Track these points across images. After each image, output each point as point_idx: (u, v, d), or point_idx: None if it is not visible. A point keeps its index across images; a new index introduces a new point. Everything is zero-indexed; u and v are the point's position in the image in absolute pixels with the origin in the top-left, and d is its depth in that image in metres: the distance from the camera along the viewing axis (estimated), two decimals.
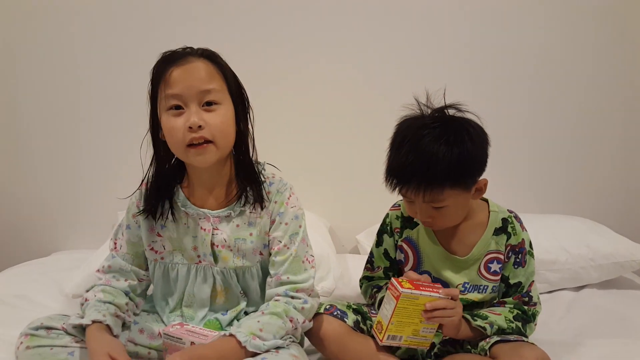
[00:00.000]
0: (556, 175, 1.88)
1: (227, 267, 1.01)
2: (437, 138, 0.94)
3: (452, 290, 0.98)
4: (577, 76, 1.81)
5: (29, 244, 1.83)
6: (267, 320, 0.92)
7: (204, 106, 0.92)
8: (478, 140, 0.97)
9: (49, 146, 1.78)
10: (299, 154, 1.80)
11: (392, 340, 0.96)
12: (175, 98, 0.91)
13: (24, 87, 1.74)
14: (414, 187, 0.96)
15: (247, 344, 0.87)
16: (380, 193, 1.24)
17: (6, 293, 1.35)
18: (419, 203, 0.99)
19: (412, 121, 1.00)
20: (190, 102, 0.91)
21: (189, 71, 0.90)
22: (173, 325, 0.96)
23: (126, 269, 1.03)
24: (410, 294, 0.93)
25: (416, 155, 0.95)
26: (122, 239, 1.05)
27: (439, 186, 0.95)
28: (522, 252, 1.07)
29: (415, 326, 0.95)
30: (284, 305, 0.95)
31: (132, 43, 1.70)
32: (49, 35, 1.70)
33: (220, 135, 0.92)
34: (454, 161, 0.93)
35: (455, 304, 0.96)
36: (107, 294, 0.98)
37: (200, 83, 0.90)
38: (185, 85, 0.90)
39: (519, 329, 1.02)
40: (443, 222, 1.02)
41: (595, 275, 1.49)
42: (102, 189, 1.79)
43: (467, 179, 0.97)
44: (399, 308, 0.93)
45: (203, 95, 0.91)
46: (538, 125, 1.84)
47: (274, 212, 1.02)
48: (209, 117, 0.91)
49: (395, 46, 1.78)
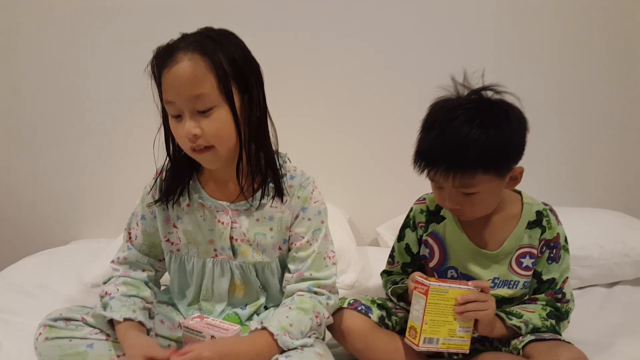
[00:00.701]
0: (592, 167, 1.82)
1: (246, 261, 0.98)
2: (472, 119, 0.88)
3: (481, 282, 0.94)
4: (619, 65, 1.74)
5: (48, 232, 1.84)
6: (296, 316, 0.89)
7: (199, 112, 0.85)
8: (516, 124, 0.91)
9: (68, 135, 1.78)
10: (319, 145, 1.78)
11: (429, 344, 0.89)
12: (171, 105, 0.87)
13: (34, 80, 1.73)
14: (443, 170, 0.90)
15: (278, 337, 0.84)
16: (401, 185, 1.20)
17: (26, 282, 1.36)
18: (448, 188, 0.94)
19: (445, 102, 0.95)
20: (184, 109, 0.85)
21: (176, 76, 0.83)
22: (193, 318, 0.94)
23: (142, 261, 1.01)
24: (439, 286, 0.89)
25: (448, 136, 0.89)
26: (137, 229, 1.02)
27: (470, 170, 0.89)
28: (556, 247, 1.02)
29: (450, 325, 0.90)
30: (311, 301, 0.93)
31: (143, 29, 1.68)
32: (55, 23, 1.69)
33: (219, 141, 0.87)
34: (489, 144, 0.87)
35: (487, 296, 0.91)
36: (130, 286, 0.96)
37: (189, 88, 0.83)
38: (175, 93, 0.84)
39: (553, 326, 0.98)
40: (473, 210, 0.96)
41: (630, 272, 1.43)
42: (120, 177, 1.79)
43: (501, 164, 0.92)
44: (429, 304, 0.89)
45: (194, 101, 0.84)
46: (575, 115, 1.78)
47: (296, 207, 0.98)
48: (204, 124, 0.85)
49: (421, 31, 1.72)
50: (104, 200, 1.83)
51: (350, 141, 1.80)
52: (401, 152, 1.75)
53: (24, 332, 0.99)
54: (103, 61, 1.72)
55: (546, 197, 1.12)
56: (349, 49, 1.72)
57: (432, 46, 1.72)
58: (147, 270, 1.02)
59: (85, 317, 0.91)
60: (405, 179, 1.43)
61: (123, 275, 0.99)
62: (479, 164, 0.88)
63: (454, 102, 0.94)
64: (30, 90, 1.74)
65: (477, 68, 0.95)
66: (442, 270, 1.07)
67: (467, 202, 0.94)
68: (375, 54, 1.73)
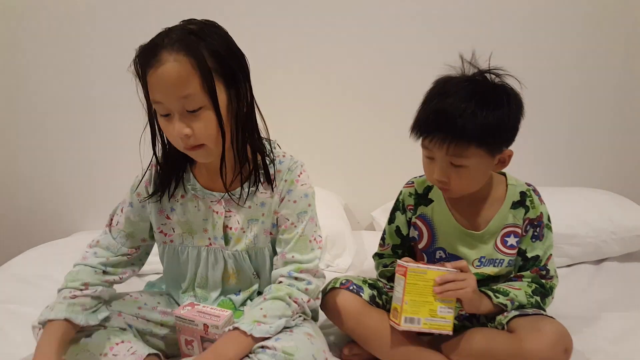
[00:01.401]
0: (588, 148, 1.85)
1: (239, 249, 1.00)
2: (473, 94, 0.92)
3: (458, 262, 0.97)
4: (618, 49, 1.75)
5: (50, 224, 1.87)
6: (270, 305, 0.91)
7: (188, 112, 0.85)
8: (515, 108, 0.95)
9: (68, 129, 1.80)
10: (314, 131, 1.79)
11: (410, 323, 0.92)
12: (160, 105, 0.86)
13: (40, 72, 1.75)
14: (440, 137, 0.93)
15: (252, 331, 0.85)
16: (396, 170, 1.23)
17: (29, 273, 1.39)
18: (440, 158, 0.96)
19: (450, 77, 0.97)
20: (173, 109, 0.85)
21: (162, 77, 0.82)
22: (184, 307, 0.95)
23: (113, 250, 1.00)
24: (417, 267, 0.93)
25: (448, 106, 0.92)
26: (121, 215, 1.02)
27: (465, 141, 0.92)
28: (540, 226, 1.05)
29: (430, 306, 0.93)
30: (287, 288, 0.93)
31: (145, 22, 1.67)
32: (59, 14, 1.70)
33: (208, 139, 0.88)
34: (486, 121, 0.90)
35: (465, 275, 0.95)
36: (70, 277, 0.95)
37: (177, 89, 0.83)
38: (163, 93, 0.84)
39: (538, 303, 1.01)
40: (459, 184, 0.98)
41: (617, 249, 1.46)
42: (120, 170, 1.80)
43: (495, 142, 0.94)
44: (408, 284, 0.92)
45: (182, 102, 0.84)
46: (575, 98, 1.80)
47: (283, 190, 0.99)
48: (194, 125, 0.86)
49: (418, 14, 1.72)
50: (105, 193, 1.83)
51: (345, 127, 1.82)
52: (397, 137, 1.77)
53: (27, 321, 1.02)
54: (110, 54, 1.72)
55: (540, 177, 1.14)
56: (344, 32, 1.73)
57: (430, 30, 1.73)
58: (112, 257, 0.99)
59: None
60: (400, 164, 1.46)
61: (80, 262, 0.99)
62: (474, 136, 0.91)
63: (458, 78, 0.97)
64: (35, 83, 1.75)
65: (478, 51, 0.98)
66: (430, 251, 1.10)
67: (455, 175, 0.96)
68: (371, 38, 1.74)
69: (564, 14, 1.73)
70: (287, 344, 0.84)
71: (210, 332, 0.91)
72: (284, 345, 0.84)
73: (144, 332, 0.98)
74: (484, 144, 0.93)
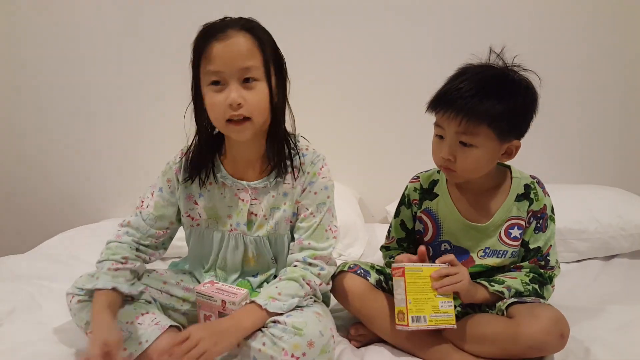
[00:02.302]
0: (603, 146, 1.85)
1: (261, 234, 1.06)
2: (494, 77, 0.97)
3: (446, 256, 1.01)
4: (629, 46, 1.76)
5: (82, 211, 1.97)
6: (284, 284, 0.97)
7: (243, 82, 0.94)
8: (529, 101, 0.99)
9: (99, 121, 1.89)
10: (331, 125, 1.83)
11: (417, 322, 0.95)
12: (216, 74, 0.93)
13: (71, 60, 1.84)
14: (454, 111, 0.96)
15: (267, 306, 0.92)
16: (411, 165, 1.27)
17: (62, 253, 1.51)
18: (451, 135, 0.99)
19: (473, 64, 1.02)
20: (230, 78, 0.93)
21: (229, 47, 0.91)
22: (205, 284, 1.03)
23: (143, 231, 1.06)
24: (413, 266, 0.97)
25: (467, 84, 0.97)
26: (151, 199, 1.08)
27: (478, 120, 0.95)
28: (543, 218, 1.08)
29: (432, 302, 0.96)
30: (301, 271, 1.00)
31: (169, 11, 1.75)
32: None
33: (257, 113, 0.96)
34: (501, 106, 0.95)
35: (457, 268, 0.99)
36: (112, 251, 1.02)
37: (241, 60, 0.92)
38: (225, 62, 0.92)
39: (536, 290, 1.04)
40: (464, 165, 1.00)
41: (626, 245, 1.47)
42: (146, 161, 1.88)
43: (507, 128, 0.98)
44: (409, 284, 0.96)
45: (243, 72, 0.93)
46: (586, 94, 1.81)
47: (305, 181, 1.05)
48: (248, 95, 0.93)
49: (438, 9, 1.75)
50: (132, 182, 1.92)
51: (361, 123, 1.86)
52: (412, 133, 1.81)
53: (59, 296, 1.09)
54: (129, 44, 1.80)
55: (550, 174, 1.15)
56: (362, 29, 1.76)
57: (443, 25, 1.75)
58: (142, 238, 1.06)
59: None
60: (415, 160, 1.49)
61: (114, 240, 1.05)
62: (487, 117, 0.95)
63: (481, 64, 1.02)
64: (59, 73, 1.84)
65: (489, 44, 1.02)
66: (436, 244, 1.15)
67: (462, 155, 0.99)
68: (389, 34, 1.77)
69: (572, 11, 1.73)
70: (297, 320, 0.91)
71: (228, 308, 0.98)
72: (294, 321, 0.91)
73: (167, 306, 1.06)
74: (496, 127, 0.96)
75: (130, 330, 0.94)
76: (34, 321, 1.11)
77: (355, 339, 1.09)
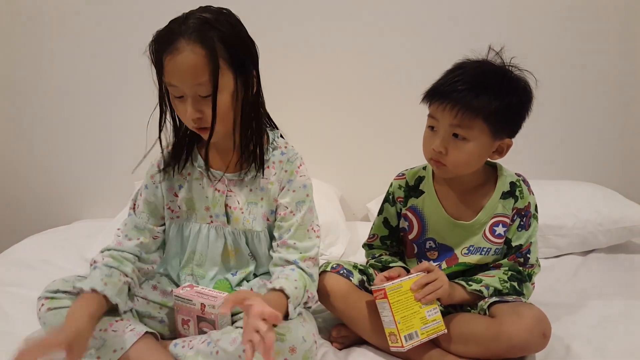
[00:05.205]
0: (580, 141, 1.87)
1: (238, 229, 1.06)
2: (492, 75, 0.97)
3: (421, 265, 1.01)
4: (610, 44, 1.77)
5: (52, 212, 1.91)
6: (298, 293, 0.96)
7: (200, 97, 0.93)
8: (526, 102, 0.99)
9: (69, 119, 1.83)
10: (310, 122, 1.81)
11: (411, 340, 0.93)
12: (175, 88, 0.93)
13: (40, 59, 1.78)
14: (451, 102, 0.96)
15: (290, 302, 0.92)
16: (392, 162, 1.25)
17: (32, 257, 1.44)
18: (444, 127, 0.98)
19: (473, 60, 1.02)
20: (187, 92, 0.93)
21: (179, 64, 0.90)
22: (183, 287, 1.00)
23: (140, 227, 1.06)
24: (393, 284, 0.96)
25: (466, 77, 0.96)
26: (140, 198, 1.09)
27: (473, 113, 0.95)
28: (527, 215, 1.08)
29: (419, 314, 0.95)
30: (305, 279, 0.99)
31: (149, 8, 1.71)
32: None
33: (218, 121, 0.95)
34: (498, 102, 0.95)
35: (435, 274, 0.98)
36: (115, 259, 1.00)
37: (192, 77, 0.90)
38: (179, 79, 0.91)
39: (515, 288, 1.04)
40: (455, 158, 0.99)
41: (603, 240, 1.49)
42: (120, 160, 1.84)
43: (501, 124, 0.98)
44: (393, 304, 0.94)
45: (196, 88, 0.92)
46: (565, 93, 1.82)
47: (283, 179, 1.05)
48: (206, 108, 0.93)
49: (417, 5, 1.74)
50: (104, 183, 1.89)
51: (342, 119, 1.84)
52: (393, 130, 1.79)
53: (29, 303, 1.05)
54: (104, 43, 1.75)
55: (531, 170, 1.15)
56: (342, 25, 1.75)
57: (427, 23, 1.74)
58: (143, 237, 1.05)
59: (73, 290, 0.95)
60: (396, 157, 1.48)
61: (115, 247, 1.03)
62: (482, 110, 0.95)
63: (481, 60, 1.01)
64: (31, 70, 1.78)
65: (480, 40, 1.02)
66: (421, 242, 1.14)
67: (454, 148, 0.99)
68: (368, 31, 1.76)
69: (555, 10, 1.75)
70: (280, 325, 0.88)
71: (207, 311, 0.95)
72: (277, 326, 0.88)
73: (142, 314, 1.02)
74: (490, 122, 0.96)
75: (104, 337, 0.90)
76: (1, 331, 1.05)
77: (337, 340, 1.08)
